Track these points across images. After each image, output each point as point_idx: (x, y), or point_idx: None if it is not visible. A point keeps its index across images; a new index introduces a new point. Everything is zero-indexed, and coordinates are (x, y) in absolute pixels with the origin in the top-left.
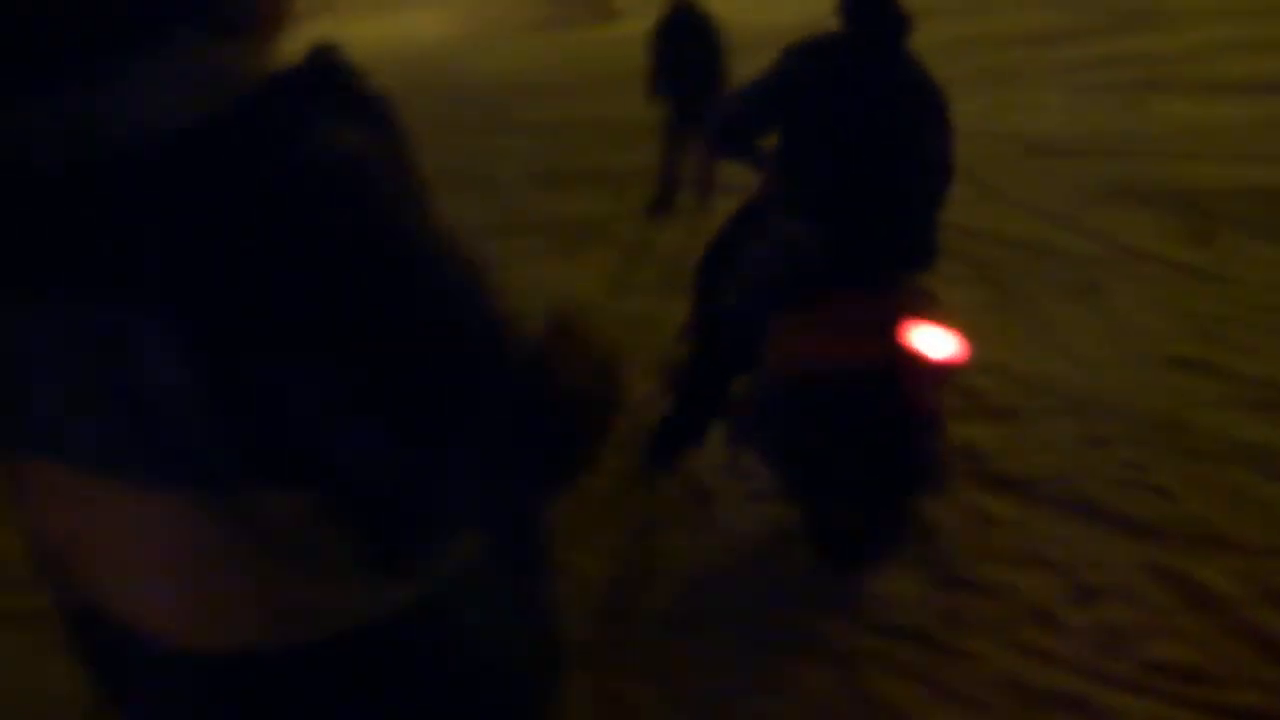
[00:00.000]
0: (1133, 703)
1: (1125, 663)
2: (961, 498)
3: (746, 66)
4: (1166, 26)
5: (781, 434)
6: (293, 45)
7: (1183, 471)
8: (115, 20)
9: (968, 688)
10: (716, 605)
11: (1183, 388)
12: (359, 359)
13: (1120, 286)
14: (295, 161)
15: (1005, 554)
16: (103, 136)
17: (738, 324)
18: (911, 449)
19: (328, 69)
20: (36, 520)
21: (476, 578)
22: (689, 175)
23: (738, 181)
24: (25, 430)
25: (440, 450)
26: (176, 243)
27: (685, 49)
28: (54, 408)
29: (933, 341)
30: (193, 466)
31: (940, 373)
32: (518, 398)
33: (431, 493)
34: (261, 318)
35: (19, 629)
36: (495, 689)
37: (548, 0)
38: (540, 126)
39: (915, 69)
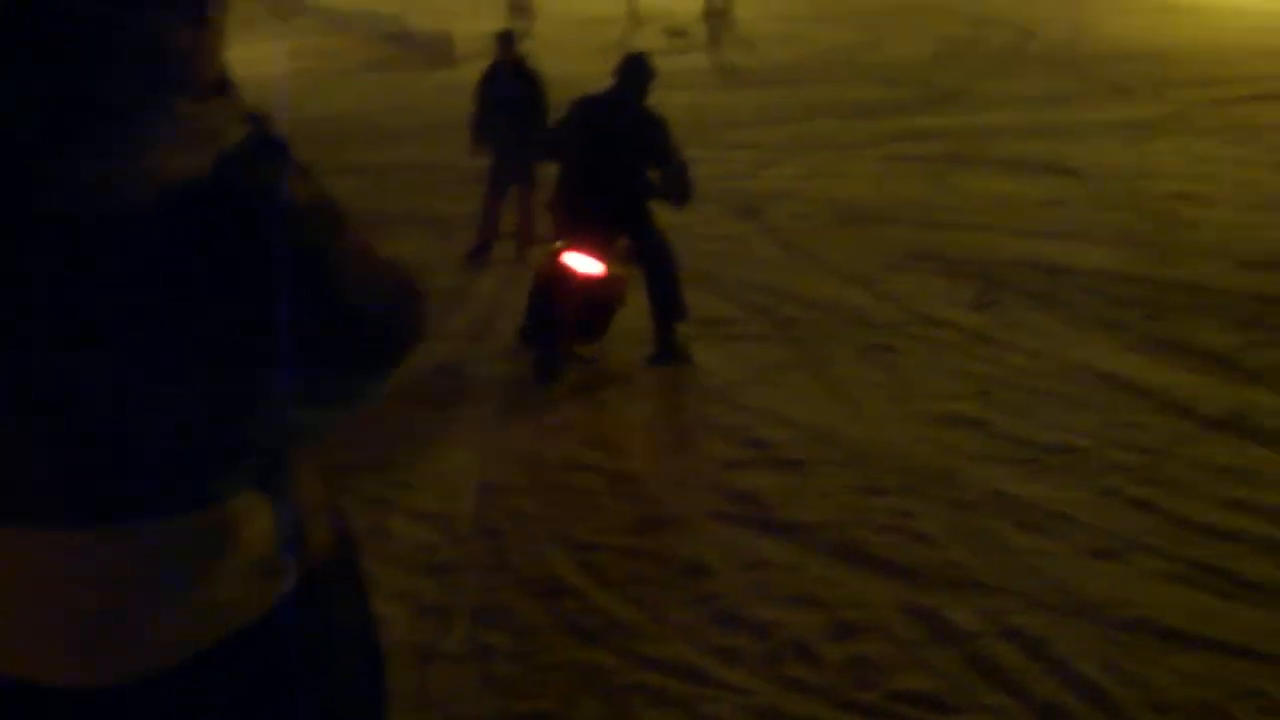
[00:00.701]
0: None
1: (873, 692)
2: (741, 543)
3: None
4: (972, 107)
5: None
6: None
7: (946, 520)
8: (137, 87)
9: (730, 718)
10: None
11: (955, 443)
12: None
13: (910, 348)
14: (278, 205)
15: (778, 594)
16: (128, 188)
17: None
18: (582, 317)
19: (267, 134)
20: None
21: (334, 569)
22: (510, 226)
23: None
24: None
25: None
26: (180, 277)
27: (510, 101)
28: None
29: (581, 263)
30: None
31: (590, 281)
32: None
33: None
34: (248, 322)
35: None
36: (360, 667)
37: (389, 41)
38: (371, 169)
39: (646, 114)
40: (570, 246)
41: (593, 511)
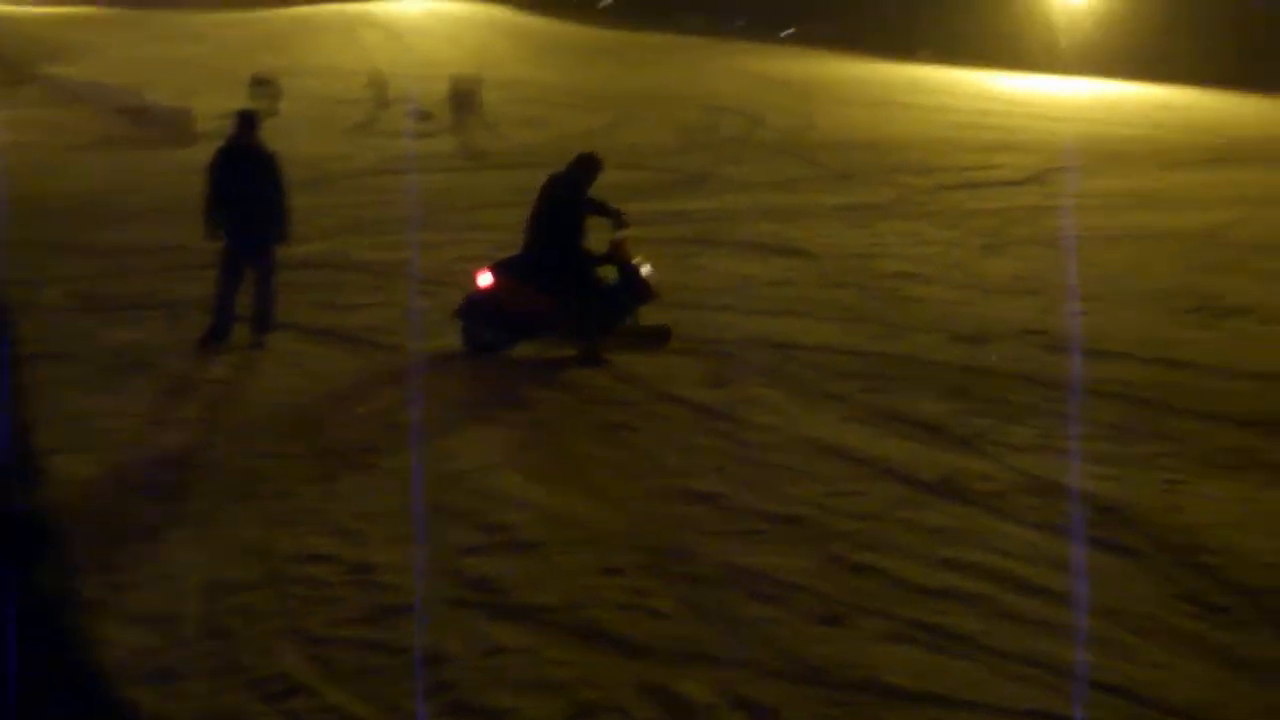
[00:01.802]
0: None
1: None
2: (478, 629)
3: (324, 201)
4: (712, 191)
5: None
6: None
7: (681, 595)
8: None
9: None
10: None
11: (690, 518)
12: None
13: (649, 426)
14: None
15: (515, 680)
16: None
17: None
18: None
19: None
20: None
21: None
22: (245, 310)
23: (301, 320)
24: None
25: None
26: None
27: (243, 182)
28: None
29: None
30: None
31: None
32: None
33: None
34: None
35: None
36: None
37: (125, 116)
38: (102, 250)
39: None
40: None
41: (327, 604)
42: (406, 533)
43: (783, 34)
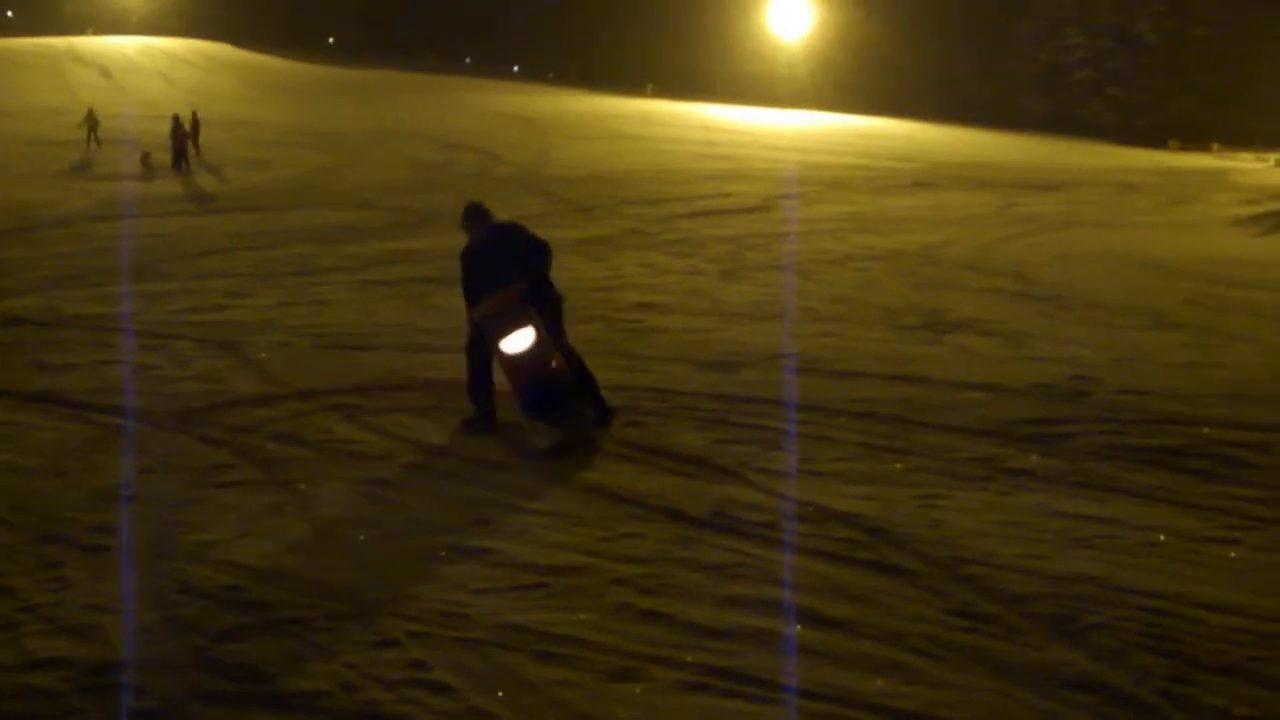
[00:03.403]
0: None
1: None
2: None
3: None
4: (445, 230)
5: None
6: None
7: (462, 663)
8: None
9: None
10: None
11: (460, 577)
12: None
13: (405, 480)
14: None
15: None
16: None
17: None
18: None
19: None
20: None
21: None
22: None
23: (11, 384)
24: None
25: None
26: None
27: None
28: None
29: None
30: None
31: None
32: None
33: None
34: None
35: None
36: None
37: None
38: None
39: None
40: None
41: (60, 719)
42: (151, 621)
43: (512, 70)
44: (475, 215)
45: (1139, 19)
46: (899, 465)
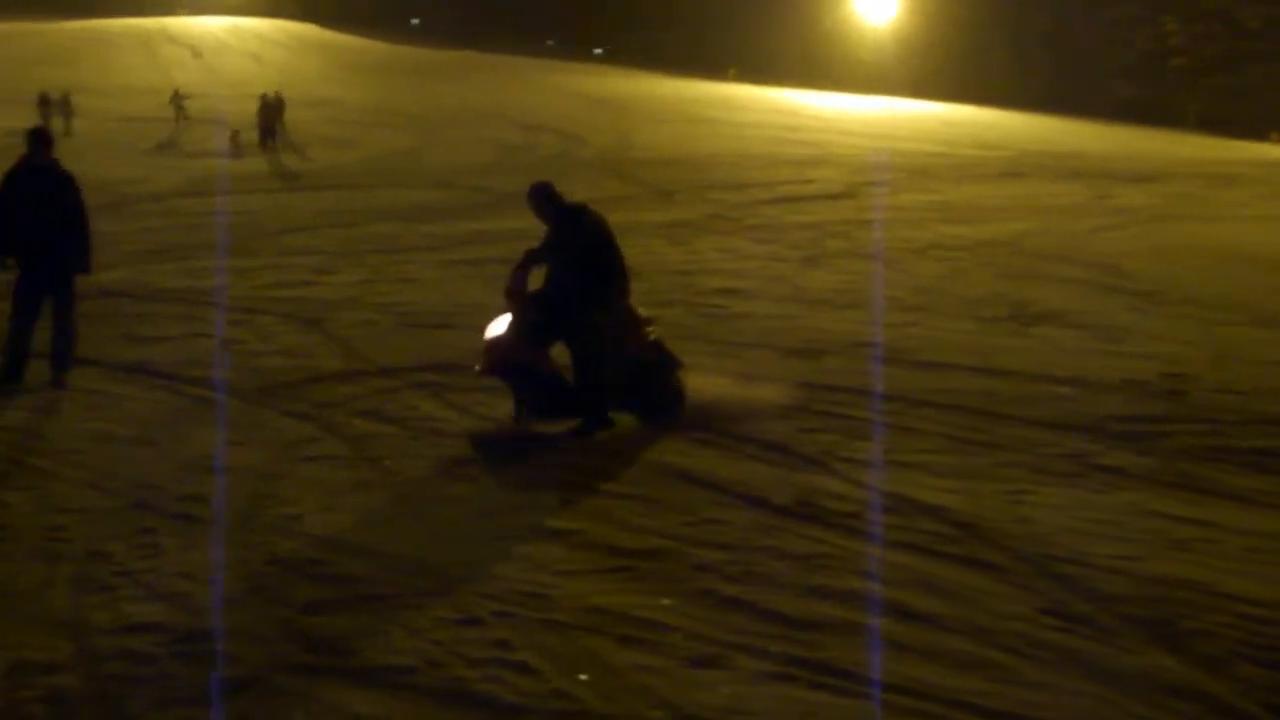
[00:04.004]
0: None
1: None
2: (327, 701)
3: (125, 226)
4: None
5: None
6: None
7: (545, 645)
8: None
9: None
10: None
11: (546, 559)
12: None
13: (489, 460)
14: None
15: None
16: None
17: None
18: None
19: None
20: None
21: None
22: (43, 347)
23: (105, 355)
24: None
25: None
26: None
27: (38, 206)
28: None
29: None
30: None
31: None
32: None
33: None
34: None
35: None
36: None
37: None
38: None
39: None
40: None
41: (152, 683)
42: (240, 591)
43: (594, 52)
44: (543, 197)
45: (1241, 3)
46: (985, 459)
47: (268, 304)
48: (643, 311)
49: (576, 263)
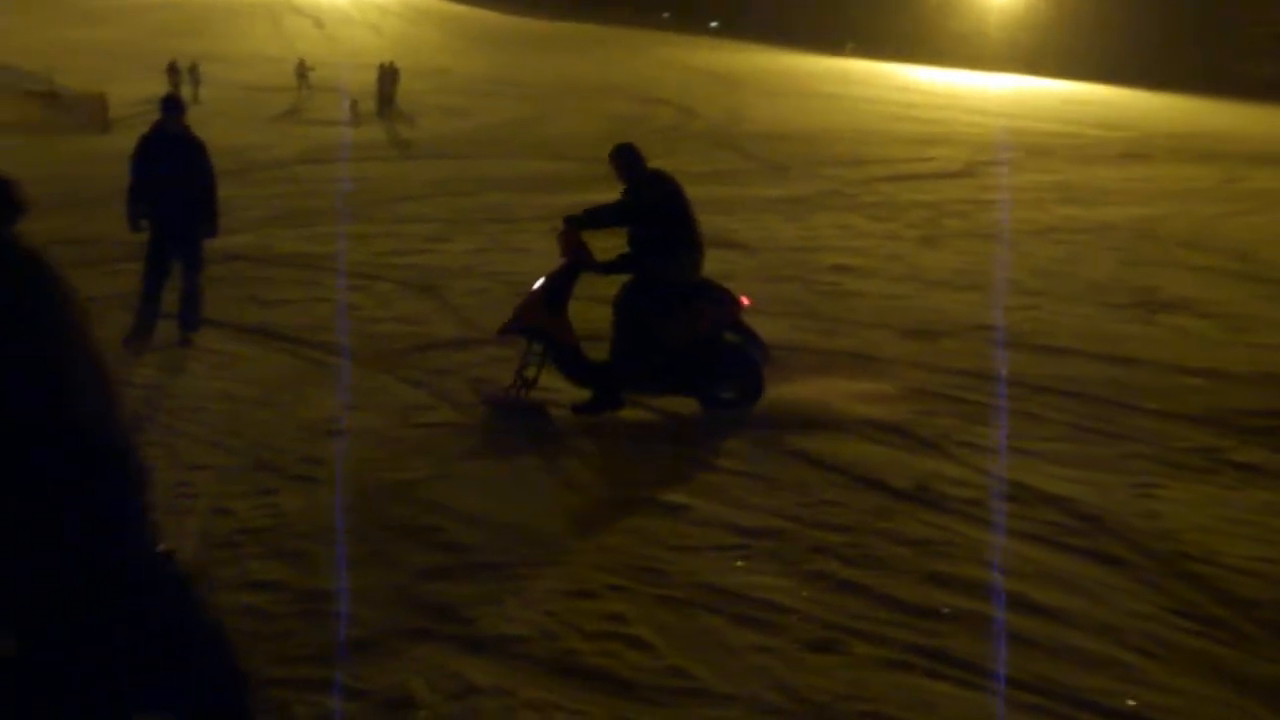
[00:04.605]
0: None
1: None
2: (446, 666)
3: (248, 192)
4: None
5: None
6: None
7: (660, 621)
8: None
9: None
10: None
11: (659, 533)
12: None
13: (597, 431)
14: None
15: None
16: None
17: None
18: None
19: None
20: None
21: None
22: (172, 307)
23: (230, 317)
24: None
25: None
26: None
27: (170, 170)
28: None
29: None
30: None
31: None
32: None
33: None
34: None
35: None
36: None
37: (40, 103)
38: None
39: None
40: None
41: (275, 639)
42: (358, 554)
43: (710, 25)
44: (630, 158)
45: None
46: (1111, 450)
47: (385, 270)
48: (741, 295)
49: (652, 224)
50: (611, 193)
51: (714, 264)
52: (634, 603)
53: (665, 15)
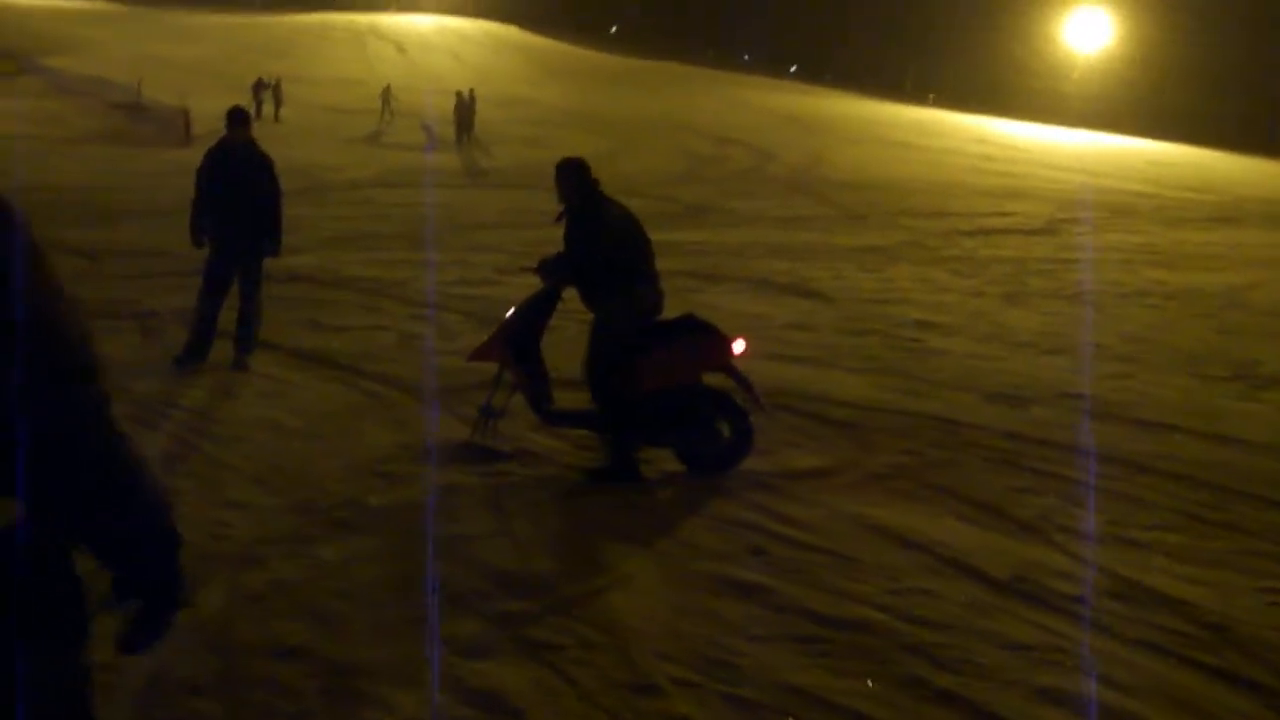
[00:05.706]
0: None
1: None
2: None
3: (318, 211)
4: (717, 223)
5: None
6: None
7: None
8: None
9: None
10: None
11: (733, 619)
12: None
13: (668, 491)
14: None
15: None
16: None
17: None
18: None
19: None
20: None
21: None
22: (229, 325)
23: (286, 341)
24: None
25: None
26: None
27: (233, 185)
28: None
29: None
30: None
31: None
32: None
33: None
34: None
35: None
36: None
37: (120, 112)
38: (84, 250)
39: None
40: None
41: (295, 719)
42: (396, 620)
43: (790, 70)
44: (578, 178)
45: None
46: (1226, 544)
47: (451, 300)
48: (736, 336)
49: (595, 261)
50: (683, 232)
51: (788, 311)
52: (703, 703)
53: (746, 57)
